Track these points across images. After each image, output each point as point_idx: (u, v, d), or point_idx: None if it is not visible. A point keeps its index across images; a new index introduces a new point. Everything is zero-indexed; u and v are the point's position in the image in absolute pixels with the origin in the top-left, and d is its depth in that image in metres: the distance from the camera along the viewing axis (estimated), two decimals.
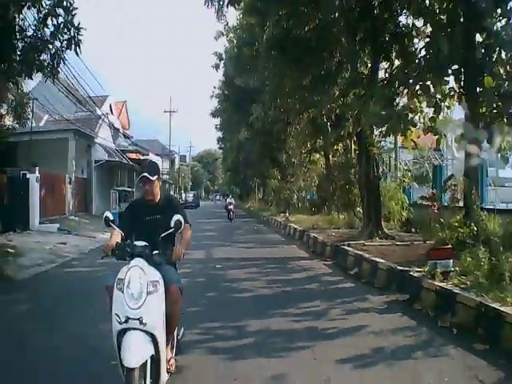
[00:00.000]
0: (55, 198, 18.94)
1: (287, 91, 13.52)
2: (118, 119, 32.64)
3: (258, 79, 15.42)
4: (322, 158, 19.81)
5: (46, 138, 20.12)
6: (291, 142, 21.73)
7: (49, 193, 17.86)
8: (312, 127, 16.08)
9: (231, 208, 23.89)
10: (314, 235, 12.21)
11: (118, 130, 31.30)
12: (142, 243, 3.09)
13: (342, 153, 16.35)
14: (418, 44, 9.91)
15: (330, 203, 16.96)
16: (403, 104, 9.53)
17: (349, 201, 14.20)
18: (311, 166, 21.44)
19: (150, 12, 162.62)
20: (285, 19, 10.88)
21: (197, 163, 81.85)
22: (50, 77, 8.32)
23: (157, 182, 3.42)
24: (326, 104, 12.49)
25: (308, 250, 11.69)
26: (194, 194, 49.39)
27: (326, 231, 12.71)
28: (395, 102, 9.39)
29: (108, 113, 28.33)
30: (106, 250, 3.12)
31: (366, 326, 4.94)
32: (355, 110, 10.39)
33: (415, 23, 9.79)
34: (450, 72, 8.70)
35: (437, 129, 9.01)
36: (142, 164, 4.15)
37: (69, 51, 7.79)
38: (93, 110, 24.15)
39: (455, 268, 6.01)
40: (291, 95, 13.86)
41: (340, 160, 16.43)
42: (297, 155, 22.14)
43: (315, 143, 17.72)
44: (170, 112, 49.45)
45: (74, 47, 7.63)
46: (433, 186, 13.26)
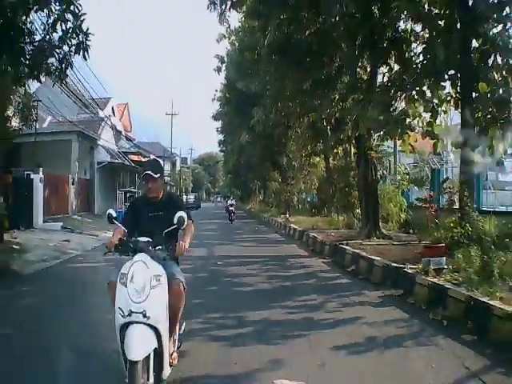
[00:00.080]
0: (59, 198, 19.20)
1: (288, 95, 13.61)
2: (120, 121, 32.80)
3: (259, 83, 15.50)
4: (322, 161, 19.89)
5: (50, 139, 20.32)
6: (292, 145, 21.74)
7: (52, 193, 18.13)
8: (312, 131, 16.07)
9: (232, 209, 23.60)
10: (314, 235, 12.33)
11: (120, 132, 31.49)
12: (145, 239, 3.09)
13: (342, 156, 16.42)
14: (415, 49, 10.13)
15: (330, 205, 17.03)
16: (401, 109, 9.74)
17: (348, 203, 14.42)
18: (311, 169, 21.58)
19: (150, 14, 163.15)
20: (286, 24, 10.99)
21: (198, 165, 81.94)
22: (58, 81, 8.52)
23: (160, 180, 3.44)
24: (325, 108, 12.57)
25: (307, 249, 11.80)
26: (195, 196, 49.57)
27: (325, 231, 12.81)
28: (393, 107, 9.57)
29: (110, 115, 28.54)
30: (108, 246, 3.13)
31: (361, 318, 5.12)
32: (354, 114, 10.53)
33: (413, 28, 10.04)
34: (447, 77, 8.94)
35: (434, 133, 9.23)
36: (146, 162, 4.15)
37: (76, 55, 7.98)
38: (96, 112, 24.40)
39: (448, 265, 6.21)
40: (292, 99, 13.94)
41: (340, 163, 16.57)
42: (297, 158, 22.19)
43: (315, 147, 17.71)
44: (172, 115, 49.75)
45: (82, 52, 7.79)
46: (431, 189, 13.47)
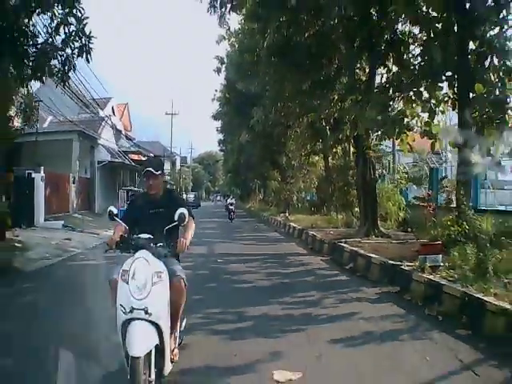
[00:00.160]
0: (59, 197, 19.31)
1: (287, 96, 13.68)
2: (120, 121, 32.92)
3: (258, 84, 15.55)
4: (321, 161, 20.00)
5: (51, 138, 20.42)
6: (291, 144, 21.83)
7: (53, 191, 18.23)
8: (311, 130, 16.19)
9: (232, 208, 23.60)
10: (313, 233, 12.44)
11: (121, 131, 31.61)
12: (147, 236, 3.10)
13: (341, 155, 16.50)
14: (414, 51, 10.23)
15: (329, 204, 17.14)
16: (398, 109, 9.85)
17: (347, 201, 14.53)
18: (311, 168, 21.66)
19: (150, 14, 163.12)
20: (285, 26, 11.03)
21: (197, 165, 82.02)
22: (61, 82, 8.65)
23: (161, 177, 3.47)
24: (325, 109, 12.67)
25: (306, 247, 11.92)
26: (194, 195, 49.65)
27: (324, 230, 12.90)
28: (390, 107, 9.69)
29: (110, 115, 28.66)
30: (109, 244, 3.15)
31: (358, 313, 5.24)
32: (352, 114, 10.64)
33: (411, 30, 10.13)
34: (444, 78, 9.06)
35: (432, 133, 9.35)
36: (147, 159, 4.25)
37: (78, 58, 8.10)
38: (96, 112, 24.52)
39: (444, 263, 6.33)
40: (291, 100, 14.00)
41: (339, 162, 16.68)
42: (296, 157, 22.25)
43: (314, 146, 17.84)
44: (172, 114, 49.83)
45: (85, 55, 7.93)
46: (429, 188, 13.61)
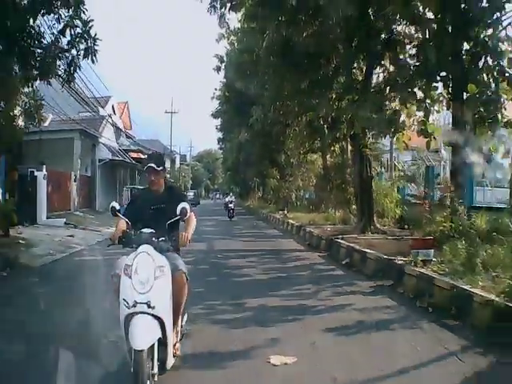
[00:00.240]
0: (61, 195, 19.55)
1: (286, 94, 13.83)
2: (121, 119, 33.11)
3: (257, 83, 15.70)
4: (319, 159, 20.18)
5: (53, 137, 20.54)
6: (290, 143, 21.92)
7: (55, 189, 18.46)
8: (310, 129, 16.35)
9: (231, 206, 23.28)
10: (310, 230, 12.69)
11: (121, 130, 31.83)
12: (149, 230, 3.12)
13: (339, 153, 16.72)
14: (410, 50, 10.44)
15: (327, 201, 17.39)
16: (393, 109, 10.08)
17: (344, 199, 14.75)
18: (309, 166, 21.91)
19: (149, 13, 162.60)
20: (284, 26, 11.23)
21: (197, 163, 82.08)
22: (67, 82, 8.87)
23: (162, 173, 3.53)
24: (322, 107, 12.89)
25: (304, 244, 12.17)
26: (194, 193, 49.72)
27: (321, 227, 13.14)
28: (386, 106, 9.92)
29: (111, 113, 28.86)
30: (112, 239, 3.20)
31: (351, 305, 5.51)
32: (349, 114, 10.87)
33: (408, 31, 10.34)
34: (439, 78, 9.30)
35: (427, 131, 9.59)
36: (149, 155, 4.33)
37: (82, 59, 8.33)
38: (97, 111, 24.72)
39: (436, 257, 6.59)
40: (290, 99, 14.12)
41: (336, 160, 16.93)
42: (295, 156, 22.51)
43: (313, 144, 18.06)
44: (172, 113, 50.00)
45: (90, 56, 8.17)
46: (425, 185, 13.85)
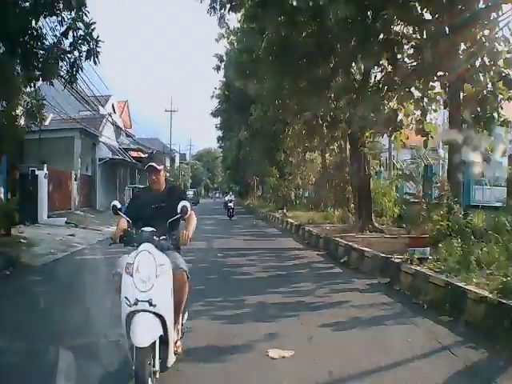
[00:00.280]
0: (62, 194, 19.65)
1: (285, 93, 13.98)
2: (121, 118, 33.18)
3: (257, 82, 15.82)
4: (318, 158, 20.31)
5: (54, 136, 20.64)
6: (289, 141, 22.07)
7: (56, 188, 18.56)
8: (308, 128, 16.57)
9: (231, 205, 23.06)
10: (309, 229, 12.82)
11: (121, 128, 31.91)
12: (150, 229, 3.16)
13: (337, 152, 16.84)
14: (408, 50, 10.54)
15: (326, 200, 17.54)
16: (392, 108, 10.20)
17: (343, 198, 14.92)
18: (308, 165, 21.99)
19: (150, 13, 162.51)
20: (283, 27, 11.40)
21: (197, 162, 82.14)
22: (69, 83, 8.99)
23: (163, 172, 3.58)
24: (321, 107, 13.00)
25: (303, 242, 12.30)
26: (193, 192, 49.71)
27: (320, 226, 13.26)
28: (383, 106, 10.04)
29: (111, 112, 28.94)
30: (113, 237, 3.23)
31: (348, 302, 5.64)
32: (347, 113, 11.01)
33: (406, 32, 10.43)
34: (436, 78, 9.42)
35: (425, 130, 9.71)
36: (149, 154, 4.38)
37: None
38: (97, 110, 24.80)
39: (432, 255, 6.71)
40: (289, 98, 14.32)
41: (335, 159, 17.07)
42: (294, 154, 22.69)
43: (311, 143, 18.22)
44: (171, 111, 50.03)
45: (92, 58, 8.29)
46: (423, 184, 13.96)
